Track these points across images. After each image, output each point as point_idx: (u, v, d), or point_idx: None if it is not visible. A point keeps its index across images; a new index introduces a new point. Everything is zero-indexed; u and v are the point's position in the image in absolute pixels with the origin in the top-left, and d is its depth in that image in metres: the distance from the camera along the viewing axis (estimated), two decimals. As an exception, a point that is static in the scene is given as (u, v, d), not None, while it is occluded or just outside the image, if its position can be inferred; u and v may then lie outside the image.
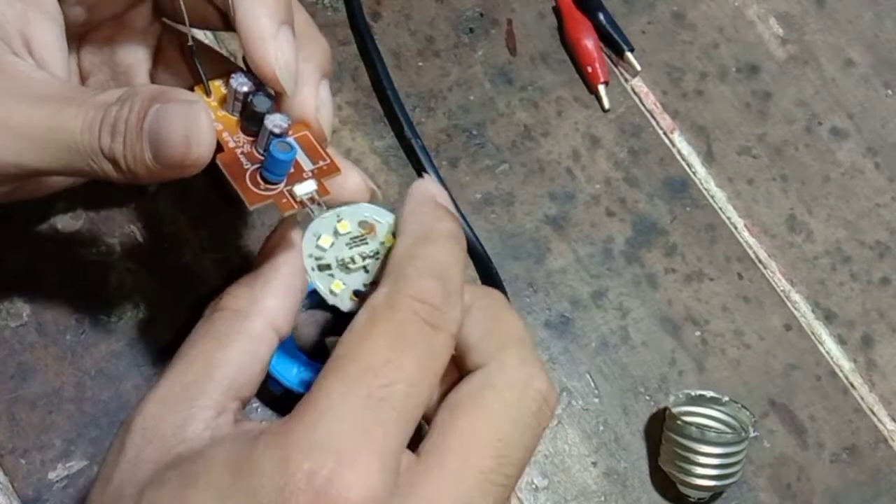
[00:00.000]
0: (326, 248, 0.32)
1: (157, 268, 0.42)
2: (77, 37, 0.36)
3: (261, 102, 0.32)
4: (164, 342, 0.41)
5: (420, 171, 0.46)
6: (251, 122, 0.32)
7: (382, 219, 0.32)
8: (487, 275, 0.45)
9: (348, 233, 0.32)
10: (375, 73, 0.47)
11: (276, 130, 0.31)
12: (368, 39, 0.48)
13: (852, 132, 0.51)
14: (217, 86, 0.33)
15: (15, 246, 0.42)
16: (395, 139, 0.47)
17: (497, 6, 0.50)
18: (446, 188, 0.46)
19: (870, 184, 0.50)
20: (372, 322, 0.28)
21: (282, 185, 0.31)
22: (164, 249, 0.43)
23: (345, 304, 0.32)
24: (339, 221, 0.32)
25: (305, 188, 0.31)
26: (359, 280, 0.32)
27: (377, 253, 0.32)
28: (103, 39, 0.36)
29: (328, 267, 0.32)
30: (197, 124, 0.29)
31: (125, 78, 0.37)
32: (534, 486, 0.43)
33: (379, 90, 0.47)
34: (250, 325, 0.31)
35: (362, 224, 0.32)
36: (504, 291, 0.44)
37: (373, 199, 0.34)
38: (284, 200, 0.31)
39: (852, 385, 0.46)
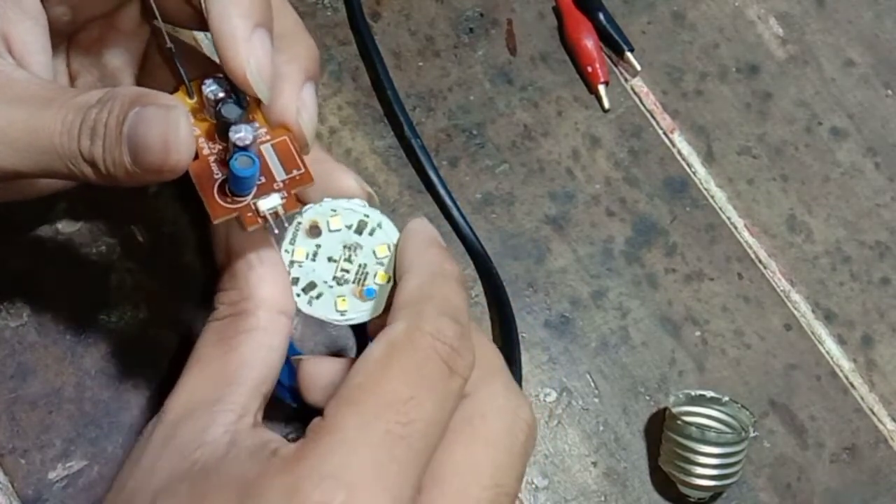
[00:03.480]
0: (303, 261, 0.32)
1: (157, 268, 0.42)
2: (65, 37, 0.36)
3: (230, 111, 0.31)
4: (164, 342, 0.41)
5: (420, 171, 0.46)
6: (222, 129, 0.31)
7: (355, 215, 0.32)
8: (487, 275, 0.45)
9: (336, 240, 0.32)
10: (375, 73, 0.47)
11: (240, 143, 0.30)
12: (368, 39, 0.48)
13: (852, 132, 0.51)
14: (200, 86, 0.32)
15: (15, 246, 0.42)
16: (395, 139, 0.47)
17: (497, 6, 0.50)
18: (446, 188, 0.46)
19: (870, 184, 0.50)
20: (391, 356, 0.28)
21: (249, 196, 0.30)
22: (164, 249, 0.43)
23: (362, 315, 0.32)
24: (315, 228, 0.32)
25: (270, 203, 0.30)
26: (350, 289, 0.32)
27: (365, 266, 0.32)
28: (91, 41, 0.36)
29: (314, 286, 0.32)
30: (176, 129, 0.28)
31: (112, 81, 0.36)
32: (534, 486, 0.43)
33: (379, 90, 0.47)
34: (255, 320, 0.30)
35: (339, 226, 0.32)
36: (504, 291, 0.44)
37: (371, 203, 0.34)
38: (249, 214, 0.30)
39: (852, 385, 0.46)
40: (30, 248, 0.42)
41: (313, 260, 0.32)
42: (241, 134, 0.30)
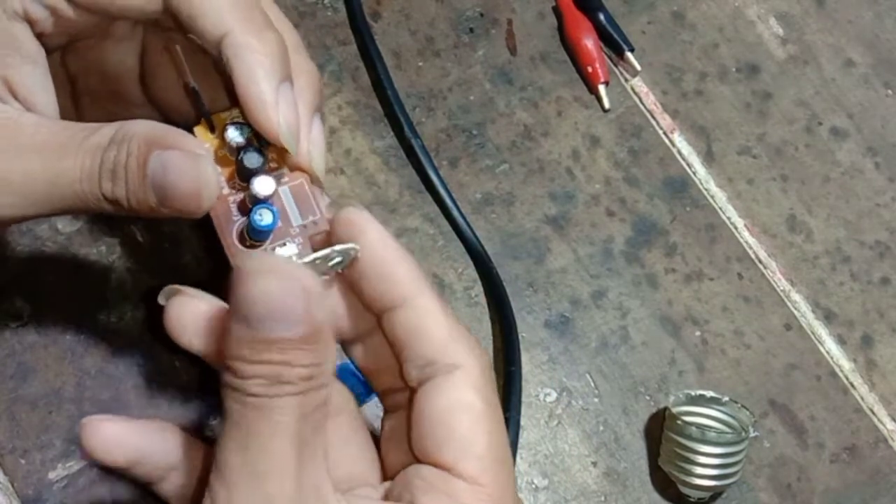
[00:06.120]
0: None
1: (157, 268, 0.42)
2: (59, 48, 0.35)
3: (251, 160, 0.31)
4: (164, 342, 0.41)
5: (420, 171, 0.46)
6: (243, 175, 0.31)
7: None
8: (487, 275, 0.45)
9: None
10: (375, 73, 0.47)
11: (261, 195, 0.31)
12: (368, 39, 0.48)
13: (852, 132, 0.51)
14: (222, 119, 0.32)
15: (15, 246, 0.42)
16: (395, 139, 0.47)
17: (497, 6, 0.50)
18: (446, 188, 0.46)
19: (870, 184, 0.50)
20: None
21: (267, 242, 0.31)
22: (164, 249, 0.43)
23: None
24: None
25: (286, 252, 0.31)
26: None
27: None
28: (87, 48, 0.36)
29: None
30: (206, 178, 0.30)
31: (115, 84, 0.36)
32: (534, 486, 0.43)
33: (379, 90, 0.47)
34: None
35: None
36: (504, 291, 0.44)
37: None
38: None
39: (852, 385, 0.46)
40: (30, 248, 0.42)
41: None
42: (262, 186, 0.31)
